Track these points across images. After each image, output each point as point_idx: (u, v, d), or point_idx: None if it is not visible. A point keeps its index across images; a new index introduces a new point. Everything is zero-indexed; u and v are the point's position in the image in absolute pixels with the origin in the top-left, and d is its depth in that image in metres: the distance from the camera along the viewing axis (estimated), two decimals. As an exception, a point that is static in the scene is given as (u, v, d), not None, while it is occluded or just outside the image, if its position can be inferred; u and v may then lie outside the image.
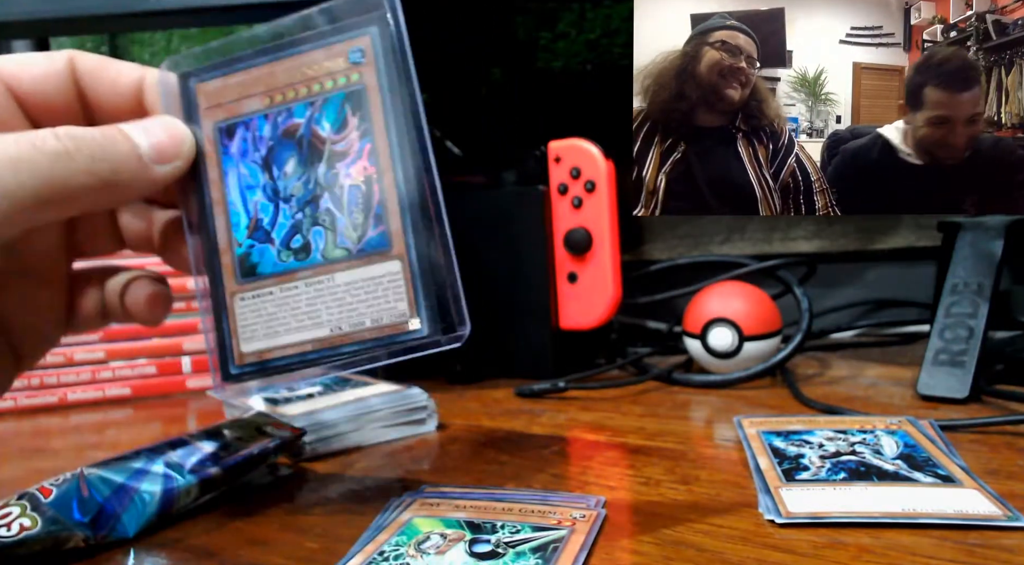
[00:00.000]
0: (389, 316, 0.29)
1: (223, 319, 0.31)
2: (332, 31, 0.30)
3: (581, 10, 0.77)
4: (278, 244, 0.31)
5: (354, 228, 0.30)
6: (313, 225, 0.30)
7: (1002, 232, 0.48)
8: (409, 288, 0.29)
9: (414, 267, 0.29)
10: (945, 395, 0.45)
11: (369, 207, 0.30)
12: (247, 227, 0.31)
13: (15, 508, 0.29)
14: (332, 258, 0.30)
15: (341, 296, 0.30)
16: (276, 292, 0.30)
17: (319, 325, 0.30)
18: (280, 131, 0.31)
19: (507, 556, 0.27)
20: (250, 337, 0.31)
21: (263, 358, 0.31)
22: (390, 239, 0.29)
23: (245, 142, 0.31)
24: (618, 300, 0.55)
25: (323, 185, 0.30)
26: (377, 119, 0.30)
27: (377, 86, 0.30)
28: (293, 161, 0.31)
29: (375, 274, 0.29)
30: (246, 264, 0.31)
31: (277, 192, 0.31)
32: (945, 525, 0.28)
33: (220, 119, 0.31)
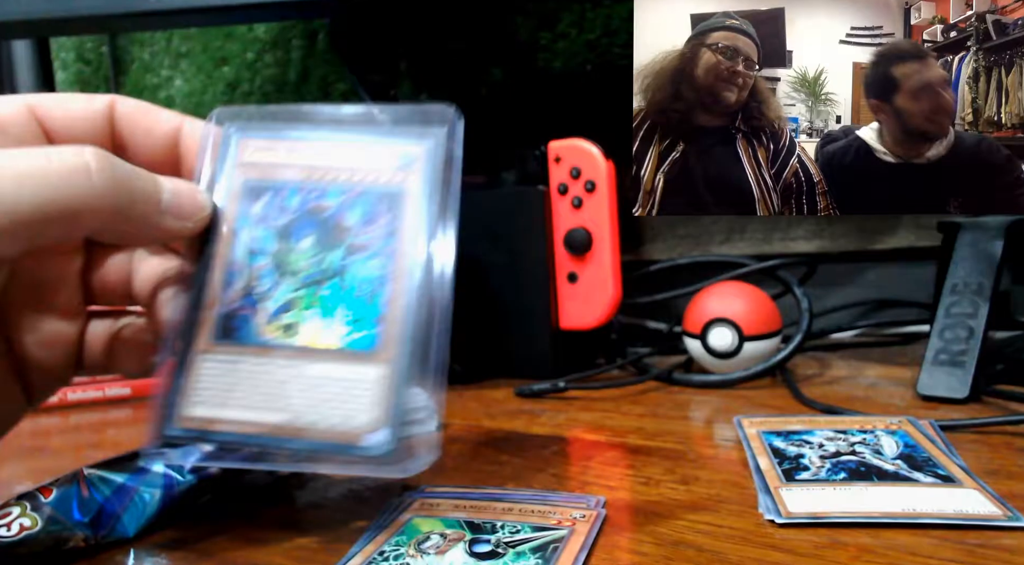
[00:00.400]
0: (347, 423, 0.27)
1: (179, 375, 0.29)
2: (390, 132, 0.30)
3: (581, 10, 0.77)
4: (269, 316, 0.29)
5: (348, 322, 0.29)
6: (309, 306, 0.29)
7: (1002, 232, 0.48)
8: (381, 400, 0.27)
9: (396, 379, 0.28)
10: (945, 395, 0.45)
11: (371, 305, 0.29)
12: (241, 289, 0.30)
13: (15, 508, 0.29)
14: (315, 346, 0.29)
15: (310, 387, 0.28)
16: (248, 363, 0.29)
17: (278, 410, 0.28)
18: (307, 207, 0.30)
19: (507, 556, 0.27)
20: (201, 401, 0.29)
21: (207, 428, 0.28)
22: (381, 343, 0.28)
23: (269, 207, 0.30)
24: (618, 300, 0.55)
25: (332, 271, 0.29)
26: (409, 224, 0.29)
27: (417, 193, 0.30)
28: (311, 239, 0.30)
29: (350, 375, 0.28)
30: (227, 325, 0.29)
31: (285, 265, 0.30)
32: (945, 525, 0.28)
33: (252, 177, 0.31)
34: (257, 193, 0.31)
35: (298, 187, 0.30)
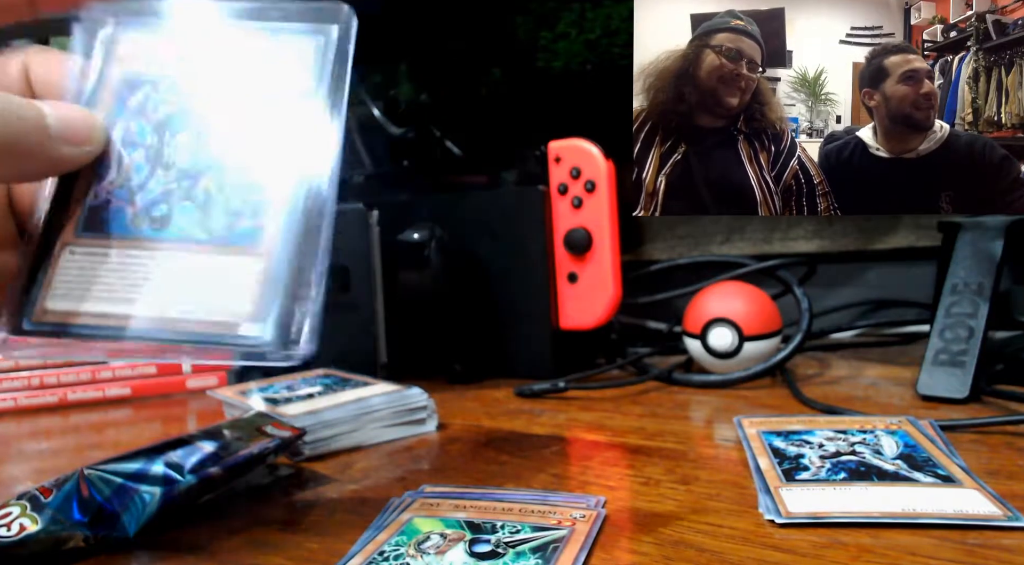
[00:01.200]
0: (224, 313, 0.27)
1: (40, 268, 0.28)
2: (280, 28, 0.29)
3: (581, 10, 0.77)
4: (139, 208, 0.28)
5: (228, 214, 0.28)
6: (184, 199, 0.28)
7: (1002, 232, 0.48)
8: (260, 290, 0.27)
9: (275, 272, 0.27)
10: (945, 395, 0.45)
11: (252, 196, 0.28)
12: (111, 182, 0.29)
13: (15, 508, 0.29)
14: (191, 237, 0.28)
15: (183, 278, 0.27)
16: (113, 255, 0.28)
17: (145, 303, 0.27)
18: (187, 100, 0.29)
19: (507, 556, 0.27)
20: (62, 294, 0.28)
21: (66, 321, 0.27)
22: (261, 236, 0.27)
23: (146, 100, 0.29)
24: (618, 300, 0.55)
25: (213, 164, 0.28)
26: (294, 120, 0.29)
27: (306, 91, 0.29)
28: (190, 132, 0.29)
29: (228, 266, 0.27)
30: (96, 218, 0.28)
31: (159, 157, 0.29)
32: (945, 525, 0.28)
33: (130, 70, 0.29)
34: (134, 86, 0.29)
35: (177, 80, 0.29)
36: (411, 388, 0.46)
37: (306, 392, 0.47)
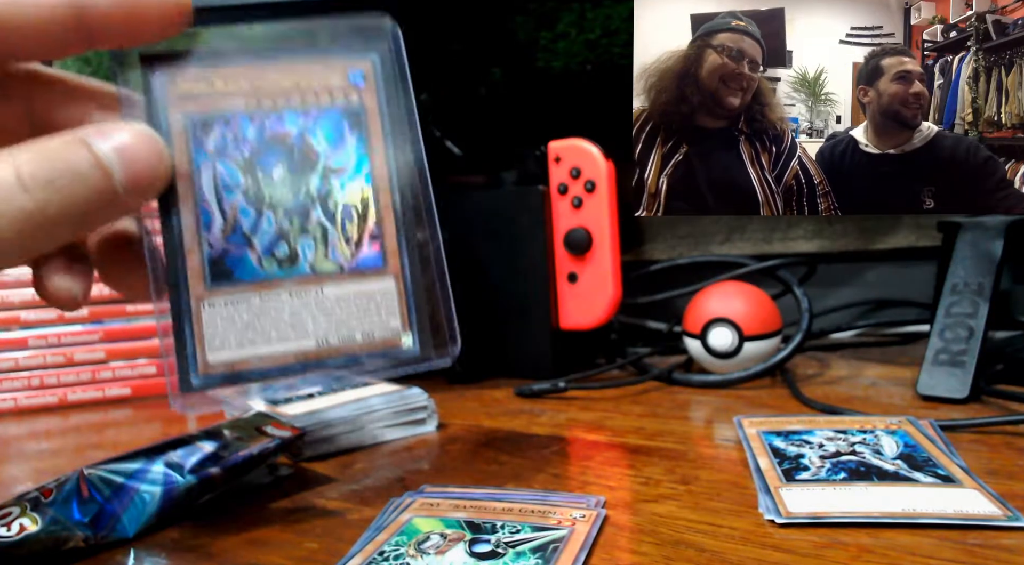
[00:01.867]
0: (381, 331, 0.29)
1: (185, 325, 0.29)
2: (332, 48, 0.30)
3: (581, 10, 0.77)
4: (260, 251, 0.29)
5: (347, 243, 0.30)
6: (302, 235, 0.30)
7: (1002, 232, 0.48)
8: (403, 305, 0.30)
9: (408, 286, 0.30)
10: (945, 395, 0.45)
11: (364, 226, 0.30)
12: (221, 229, 0.29)
13: (15, 508, 0.29)
14: (322, 271, 0.30)
15: (330, 309, 0.29)
16: (255, 300, 0.29)
17: (304, 337, 0.29)
18: (267, 136, 0.30)
19: (507, 556, 0.27)
20: (219, 346, 0.29)
21: (236, 369, 0.29)
22: (386, 258, 0.30)
23: (224, 140, 0.29)
24: (618, 300, 0.55)
25: (315, 197, 0.30)
26: (376, 142, 0.30)
27: (378, 111, 0.30)
28: (282, 168, 0.30)
29: (369, 290, 0.30)
30: (220, 268, 0.29)
31: (261, 198, 0.29)
32: (945, 525, 0.28)
33: (193, 111, 0.29)
34: (205, 127, 0.29)
35: (249, 115, 0.30)
36: (411, 388, 0.46)
37: (306, 392, 0.46)
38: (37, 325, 0.57)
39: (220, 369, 0.29)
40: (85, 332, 0.58)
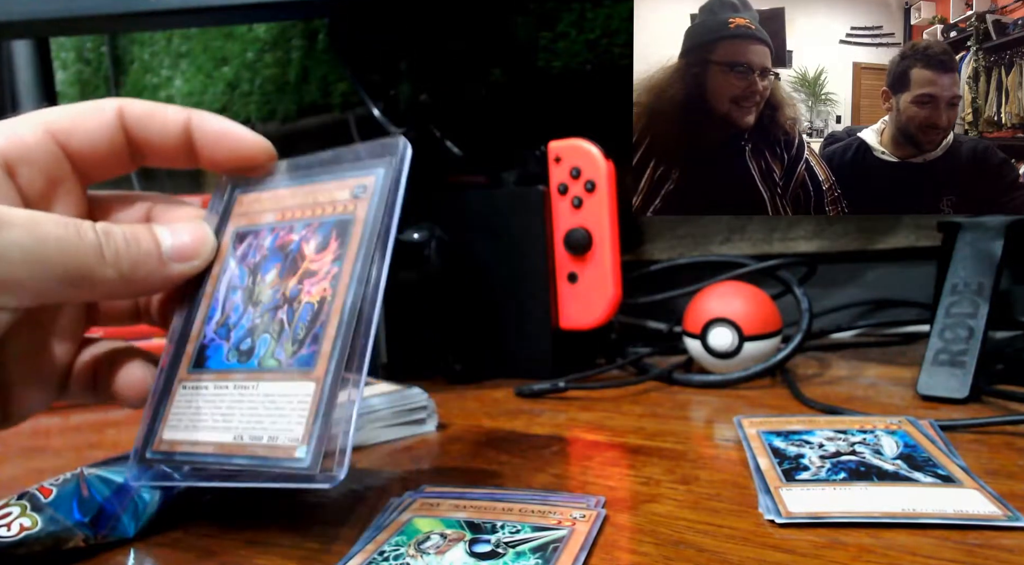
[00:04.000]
0: (284, 437, 0.28)
1: (162, 402, 0.31)
2: (350, 167, 0.32)
3: (581, 10, 0.77)
4: (231, 344, 0.31)
5: (293, 342, 0.30)
6: (263, 332, 0.31)
7: (1002, 232, 0.48)
8: (310, 414, 0.28)
9: (324, 395, 0.28)
10: (945, 395, 0.45)
11: (314, 325, 0.30)
12: (216, 322, 0.32)
13: (15, 508, 0.29)
14: (265, 367, 0.30)
15: (256, 406, 0.29)
16: (210, 388, 0.31)
17: (227, 430, 0.30)
18: (276, 243, 0.32)
19: (507, 556, 0.27)
20: (174, 426, 0.31)
21: (172, 450, 0.30)
22: (316, 360, 0.29)
23: (248, 248, 0.33)
24: (618, 300, 0.55)
25: (287, 298, 0.31)
26: (352, 247, 0.30)
27: (363, 220, 0.31)
28: (275, 271, 0.32)
29: (291, 391, 0.29)
30: (202, 355, 0.31)
31: (252, 296, 0.32)
32: (945, 525, 0.28)
33: (241, 225, 0.33)
34: (242, 238, 0.33)
35: (272, 226, 0.33)
36: (411, 388, 0.46)
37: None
38: (37, 325, 0.57)
39: (164, 447, 0.31)
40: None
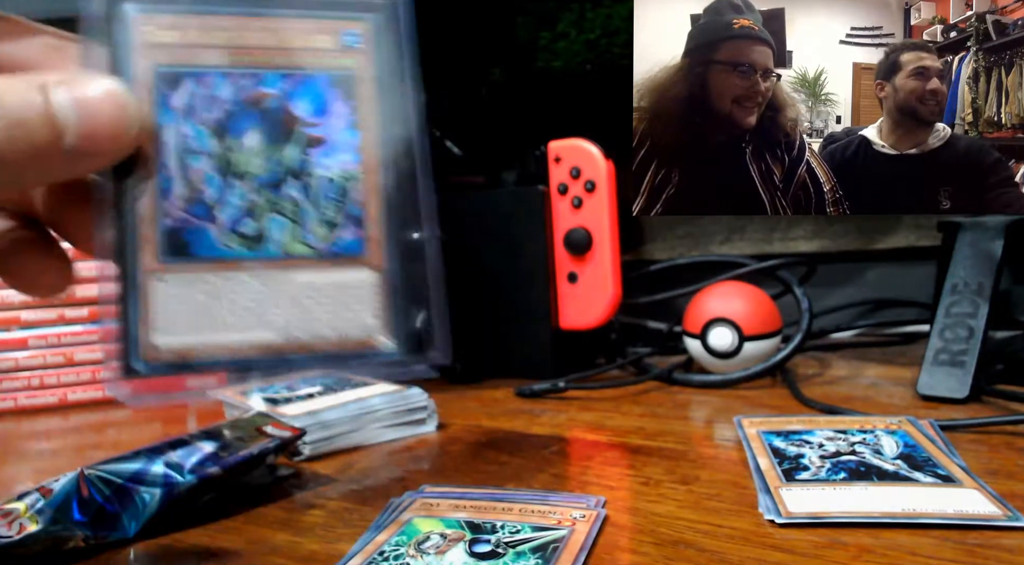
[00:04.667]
0: (356, 329, 0.26)
1: (131, 303, 0.25)
2: (325, 3, 0.27)
3: (581, 10, 0.77)
4: (223, 225, 0.26)
5: (324, 225, 0.26)
6: (272, 211, 0.26)
7: (1002, 232, 0.48)
8: (383, 302, 0.26)
9: (391, 280, 0.26)
10: (945, 395, 0.45)
11: (345, 205, 0.26)
12: (183, 197, 0.26)
13: (15, 508, 0.29)
14: (293, 253, 0.26)
15: (298, 298, 0.26)
16: (213, 280, 0.26)
17: (267, 327, 0.26)
18: (243, 97, 0.26)
19: (507, 556, 0.27)
20: (167, 328, 0.25)
21: (185, 357, 0.25)
22: (366, 246, 0.26)
23: (194, 98, 0.26)
24: (618, 300, 0.55)
25: (290, 169, 0.26)
26: (368, 112, 0.26)
27: (374, 78, 0.26)
28: (255, 135, 0.26)
29: (344, 280, 0.26)
30: (176, 241, 0.25)
31: (229, 164, 0.26)
32: (945, 525, 0.28)
33: (163, 63, 0.26)
34: (174, 82, 0.26)
35: (225, 72, 0.26)
36: (411, 388, 0.46)
37: (306, 392, 0.46)
38: (37, 325, 0.57)
39: (167, 356, 0.25)
40: (85, 332, 0.58)
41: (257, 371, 0.26)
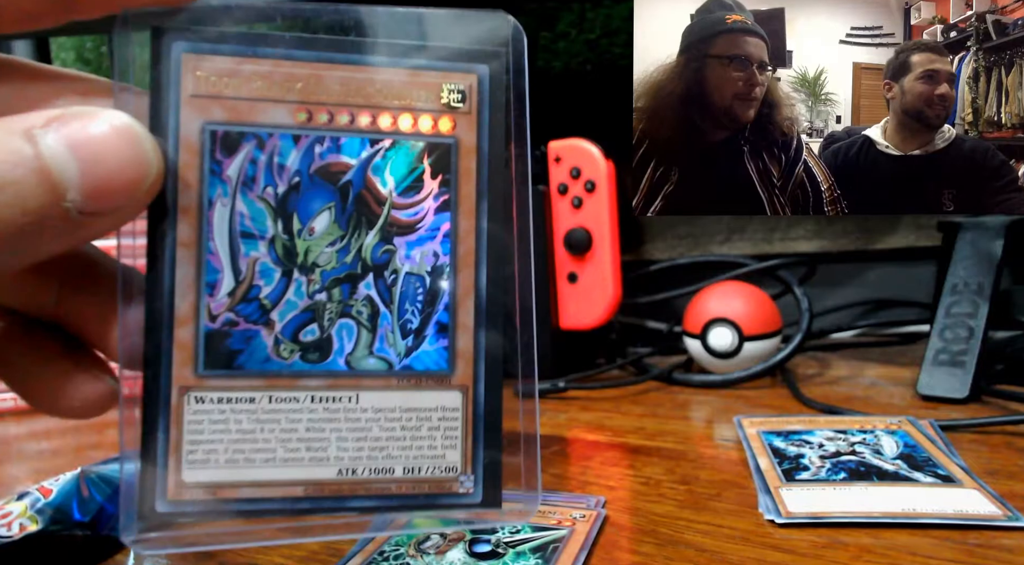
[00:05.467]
0: (431, 467, 0.21)
1: (158, 424, 0.20)
2: (425, 51, 0.21)
3: (581, 10, 0.77)
4: (279, 330, 0.21)
5: (404, 334, 0.21)
6: (342, 316, 0.21)
7: (1002, 232, 0.48)
8: (467, 434, 0.22)
9: (479, 406, 0.22)
10: (945, 395, 0.45)
11: (433, 309, 0.21)
12: (230, 294, 0.21)
13: (15, 508, 0.29)
14: (362, 369, 0.21)
15: (365, 426, 0.21)
16: (262, 400, 0.21)
17: (322, 462, 0.21)
18: (315, 167, 0.21)
19: (507, 556, 0.27)
20: (202, 461, 0.20)
21: (218, 496, 0.21)
22: (454, 361, 0.21)
23: (254, 166, 0.21)
24: (618, 300, 0.55)
25: (369, 263, 0.21)
26: (467, 191, 0.21)
27: (476, 146, 0.21)
28: (327, 216, 0.21)
29: (422, 405, 0.21)
30: (220, 349, 0.21)
31: (292, 255, 0.21)
32: (945, 525, 0.28)
33: (217, 119, 0.20)
34: (230, 144, 0.20)
35: (293, 134, 0.21)
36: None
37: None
38: (37, 325, 0.57)
39: (198, 494, 0.20)
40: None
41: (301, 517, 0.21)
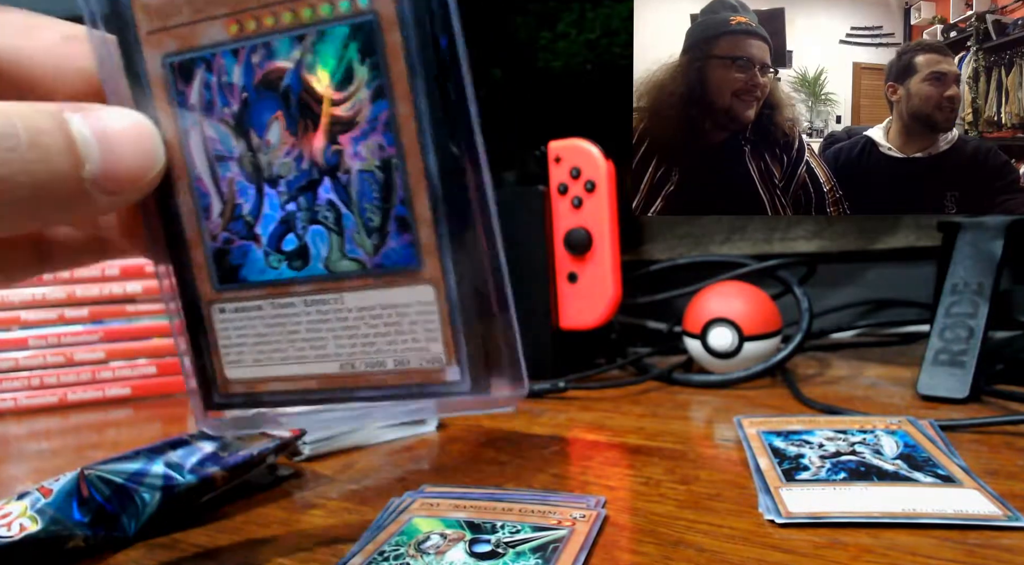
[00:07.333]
0: (418, 359, 0.22)
1: (200, 334, 0.24)
2: None
3: (581, 10, 0.77)
4: (264, 243, 0.22)
5: (368, 233, 0.21)
6: (311, 222, 0.22)
7: (1002, 232, 0.48)
8: (446, 324, 0.22)
9: (453, 296, 0.21)
10: (945, 395, 0.45)
11: (389, 205, 0.21)
12: (220, 215, 0.22)
13: (15, 508, 0.29)
14: (339, 271, 0.22)
15: (353, 324, 0.22)
16: (266, 308, 0.23)
17: (325, 358, 0.23)
18: (256, 77, 0.21)
19: (507, 556, 0.27)
20: (236, 361, 0.24)
21: (254, 390, 0.24)
22: (419, 254, 0.21)
23: (208, 90, 0.21)
24: (618, 300, 0.55)
25: (323, 166, 0.21)
26: (398, 71, 0.20)
27: (397, 19, 0.20)
28: (278, 126, 0.21)
29: (399, 301, 0.22)
30: (225, 264, 0.23)
31: (259, 169, 0.22)
32: (945, 525, 0.28)
33: (170, 51, 0.21)
34: (185, 72, 0.21)
35: (232, 49, 0.21)
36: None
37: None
38: (37, 325, 0.57)
39: (239, 388, 0.24)
40: (85, 332, 0.58)
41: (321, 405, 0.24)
